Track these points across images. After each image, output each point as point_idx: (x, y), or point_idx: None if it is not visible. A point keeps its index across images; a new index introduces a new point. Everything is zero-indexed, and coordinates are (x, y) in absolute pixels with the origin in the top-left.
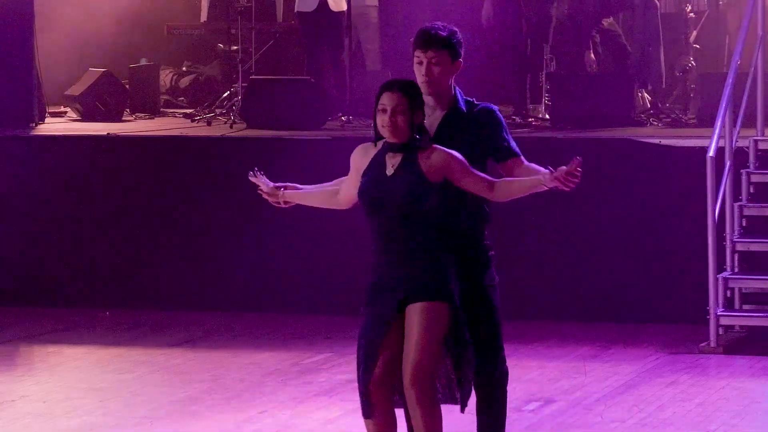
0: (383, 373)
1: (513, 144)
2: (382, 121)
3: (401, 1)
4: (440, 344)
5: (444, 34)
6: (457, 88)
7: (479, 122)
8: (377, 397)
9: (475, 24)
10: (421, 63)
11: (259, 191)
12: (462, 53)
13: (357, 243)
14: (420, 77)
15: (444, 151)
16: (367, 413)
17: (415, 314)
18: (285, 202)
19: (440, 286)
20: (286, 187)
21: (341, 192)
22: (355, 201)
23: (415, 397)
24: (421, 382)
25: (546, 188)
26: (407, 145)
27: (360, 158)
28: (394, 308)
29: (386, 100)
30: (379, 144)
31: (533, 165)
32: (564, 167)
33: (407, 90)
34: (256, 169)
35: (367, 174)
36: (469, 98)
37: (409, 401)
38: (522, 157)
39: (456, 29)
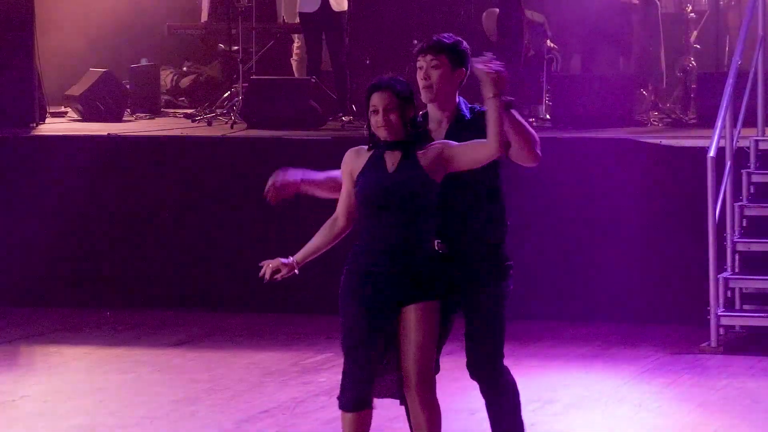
0: (374, 371)
1: None
2: (376, 122)
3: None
4: (435, 343)
5: (446, 41)
6: (462, 99)
7: (481, 125)
8: (366, 393)
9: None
10: (421, 68)
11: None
12: (465, 61)
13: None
14: (420, 83)
15: (435, 142)
16: (349, 407)
17: (416, 314)
18: (297, 264)
19: (436, 284)
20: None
21: (339, 214)
22: (355, 216)
23: (420, 401)
24: (426, 385)
25: (493, 96)
26: (405, 142)
27: (353, 161)
28: (392, 308)
29: (376, 100)
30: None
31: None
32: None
33: (394, 87)
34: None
35: (365, 174)
36: (473, 105)
37: (414, 403)
38: None
39: (462, 40)
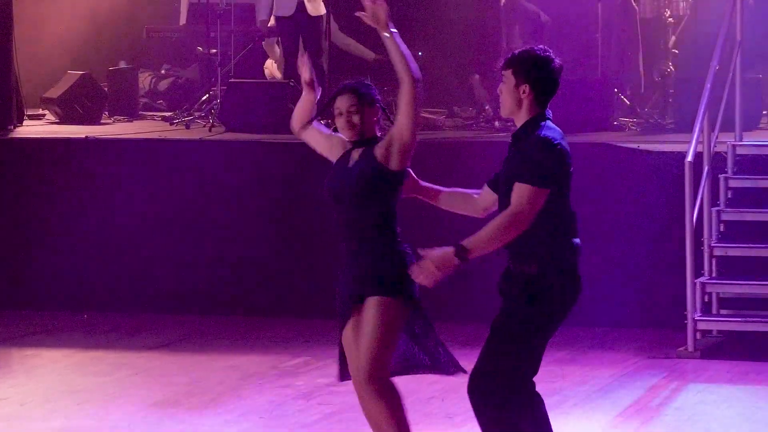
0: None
1: (529, 172)
2: (340, 124)
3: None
4: (394, 338)
5: (516, 53)
6: (540, 116)
7: (521, 147)
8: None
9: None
10: None
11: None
12: (532, 76)
13: (335, 247)
14: None
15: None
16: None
17: (369, 309)
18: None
19: (393, 281)
20: None
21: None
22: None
23: (373, 390)
24: (376, 375)
25: (385, 34)
26: (368, 140)
27: (336, 148)
28: (349, 302)
29: (339, 104)
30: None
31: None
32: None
33: (356, 90)
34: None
35: (333, 167)
36: (553, 128)
37: (367, 395)
38: (526, 185)
39: (535, 52)
